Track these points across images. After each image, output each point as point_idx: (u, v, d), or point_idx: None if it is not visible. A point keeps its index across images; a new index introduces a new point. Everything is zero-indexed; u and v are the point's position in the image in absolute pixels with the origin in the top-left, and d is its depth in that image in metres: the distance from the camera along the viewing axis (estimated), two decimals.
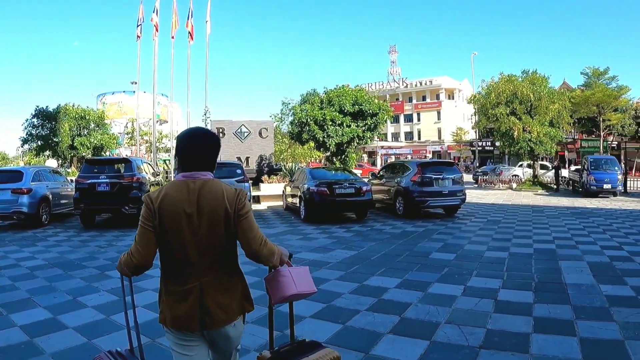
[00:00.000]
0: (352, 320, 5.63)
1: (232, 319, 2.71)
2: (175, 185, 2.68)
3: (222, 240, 2.66)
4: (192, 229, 2.60)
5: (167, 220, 2.60)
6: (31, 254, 10.05)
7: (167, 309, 2.68)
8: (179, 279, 2.66)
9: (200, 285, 2.63)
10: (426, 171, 15.51)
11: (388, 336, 5.10)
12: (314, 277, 7.40)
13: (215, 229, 2.63)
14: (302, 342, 3.04)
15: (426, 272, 8.06)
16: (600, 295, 6.53)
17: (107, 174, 14.07)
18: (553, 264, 8.67)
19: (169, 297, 2.69)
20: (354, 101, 28.41)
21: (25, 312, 6.03)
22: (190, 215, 2.60)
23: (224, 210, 2.62)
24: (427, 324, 5.47)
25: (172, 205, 2.61)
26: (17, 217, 13.97)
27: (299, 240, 11.73)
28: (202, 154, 2.72)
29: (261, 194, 21.98)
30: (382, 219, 15.55)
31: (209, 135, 2.81)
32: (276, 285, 2.83)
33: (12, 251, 10.46)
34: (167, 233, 2.61)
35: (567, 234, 12.14)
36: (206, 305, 2.63)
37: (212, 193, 2.64)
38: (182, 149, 2.73)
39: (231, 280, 2.74)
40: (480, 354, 4.56)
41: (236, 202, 2.64)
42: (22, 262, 9.30)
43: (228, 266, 2.73)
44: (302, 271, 2.95)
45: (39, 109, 33.97)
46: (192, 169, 2.69)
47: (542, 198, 24.66)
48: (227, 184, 2.76)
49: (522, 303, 6.21)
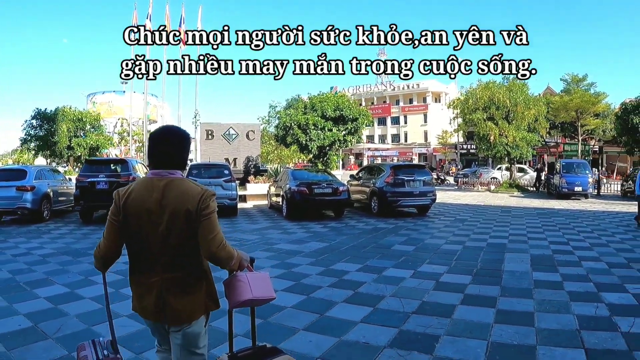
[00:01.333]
0: (314, 293, 6.94)
1: (192, 317, 2.79)
2: (143, 183, 2.79)
3: (183, 239, 2.71)
4: (153, 226, 2.69)
5: (131, 216, 2.71)
6: (39, 245, 11.17)
7: (135, 298, 2.85)
8: (143, 273, 2.78)
9: (161, 281, 2.72)
10: (399, 173, 16.79)
11: (341, 304, 6.41)
12: (288, 263, 8.85)
13: (176, 227, 2.68)
14: (262, 347, 3.13)
15: (385, 260, 9.34)
16: (530, 280, 7.76)
17: (105, 173, 15.31)
18: (499, 255, 9.92)
19: (135, 289, 2.84)
20: (336, 107, 29.80)
21: (46, 288, 7.23)
22: (153, 212, 2.68)
23: (186, 209, 2.67)
24: (375, 296, 6.77)
25: (136, 202, 2.71)
26: (21, 212, 15.04)
27: (279, 234, 12.96)
28: (169, 152, 2.80)
29: (247, 193, 23.12)
30: (357, 217, 16.82)
31: (177, 133, 2.89)
32: (233, 290, 2.89)
33: (21, 242, 11.55)
34: (131, 228, 2.73)
35: (523, 231, 13.39)
36: (167, 301, 2.72)
37: (177, 191, 2.71)
38: (150, 147, 2.83)
39: (194, 279, 2.80)
40: (410, 318, 5.84)
41: (200, 202, 2.69)
42: (33, 250, 10.42)
43: (191, 265, 2.78)
44: (260, 277, 3.01)
45: (37, 111, 35.12)
46: (160, 167, 2.78)
47: (515, 200, 25.88)
48: (196, 183, 2.84)
49: (458, 284, 7.49)
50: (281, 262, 9.20)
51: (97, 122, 38.80)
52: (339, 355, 4.70)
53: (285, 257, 9.70)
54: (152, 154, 2.80)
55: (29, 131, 36.78)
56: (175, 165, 2.80)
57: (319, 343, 5.00)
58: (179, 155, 2.82)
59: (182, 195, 2.68)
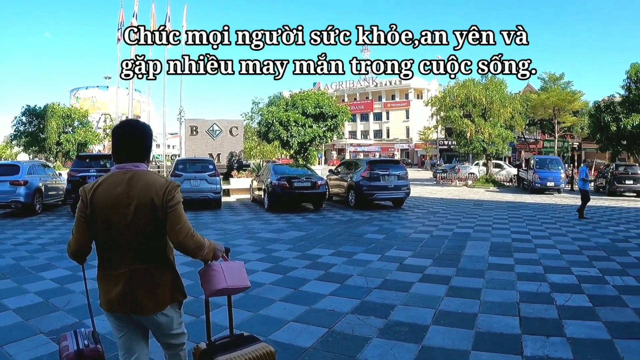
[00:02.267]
0: (290, 273, 7.91)
1: (160, 307, 2.84)
2: (108, 177, 2.83)
3: (149, 230, 2.77)
4: (120, 218, 2.73)
5: (99, 210, 2.74)
6: (36, 235, 11.90)
7: (102, 293, 2.85)
8: (111, 265, 2.81)
9: (129, 272, 2.77)
10: (374, 168, 17.77)
11: (313, 281, 7.36)
12: (268, 249, 9.79)
13: (142, 219, 2.74)
14: (239, 335, 3.23)
15: (356, 246, 10.30)
16: (485, 263, 8.74)
17: (96, 168, 16.10)
18: (462, 242, 10.91)
19: (103, 282, 2.85)
20: (316, 104, 30.79)
21: (50, 271, 8.02)
22: (120, 204, 2.73)
23: (151, 201, 2.73)
24: (344, 275, 7.72)
25: (103, 196, 2.74)
26: (14, 205, 15.64)
27: (260, 224, 13.87)
28: (130, 146, 2.83)
29: (231, 187, 23.90)
30: (335, 210, 17.79)
31: (138, 127, 2.92)
32: (207, 279, 2.99)
33: (19, 233, 12.24)
34: (99, 222, 2.76)
35: (489, 222, 14.41)
36: (134, 292, 2.77)
37: (141, 184, 2.76)
38: (113, 141, 2.88)
39: (161, 269, 2.87)
40: (372, 292, 6.79)
41: (165, 193, 2.75)
42: (32, 240, 11.16)
43: (158, 256, 2.85)
44: (235, 266, 3.10)
45: (27, 108, 35.71)
46: (124, 161, 2.82)
47: (490, 194, 26.93)
48: (160, 175, 2.93)
49: (420, 266, 8.46)
50: (262, 248, 10.10)
51: (85, 119, 39.45)
52: (308, 319, 5.63)
53: (265, 244, 10.60)
54: (115, 148, 2.86)
55: (18, 127, 37.41)
56: (139, 158, 2.85)
57: (292, 310, 5.93)
58: (142, 148, 2.87)
59: (147, 187, 2.75)
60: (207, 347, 3.08)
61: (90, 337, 3.08)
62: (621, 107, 27.74)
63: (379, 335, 5.11)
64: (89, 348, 2.97)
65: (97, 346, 3.02)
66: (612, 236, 12.00)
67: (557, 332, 5.22)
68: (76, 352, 2.91)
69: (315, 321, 5.57)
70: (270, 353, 3.07)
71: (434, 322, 5.56)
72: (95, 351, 2.97)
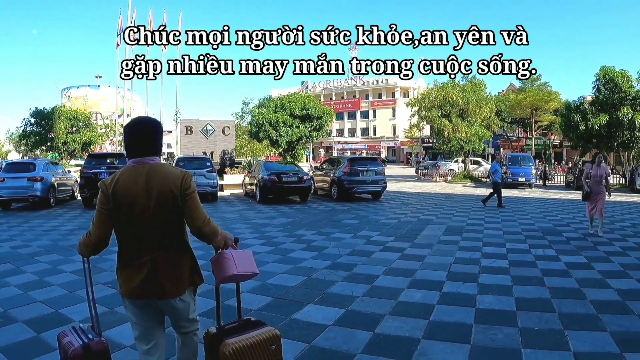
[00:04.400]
0: (280, 246, 10.07)
1: (181, 291, 3.00)
2: (127, 171, 2.93)
3: (169, 218, 2.92)
4: (142, 209, 2.86)
5: (121, 202, 2.85)
6: (60, 223, 13.79)
7: (124, 282, 2.96)
8: (133, 254, 2.92)
9: (151, 259, 2.90)
10: (354, 165, 19.89)
11: (298, 251, 9.50)
12: (262, 231, 11.94)
13: (163, 208, 2.88)
14: (247, 320, 3.31)
15: (334, 229, 12.41)
16: (436, 240, 10.84)
17: (106, 165, 18.10)
18: (423, 225, 13.02)
19: (125, 271, 2.96)
20: (302, 106, 33.11)
21: None
22: (140, 196, 2.86)
23: (170, 191, 2.88)
24: (322, 247, 9.88)
25: (124, 189, 2.86)
26: (32, 199, 17.42)
27: (254, 213, 15.97)
28: (145, 141, 2.97)
29: (225, 183, 25.88)
30: (320, 202, 19.88)
31: (151, 123, 3.06)
32: (219, 266, 3.13)
33: (43, 222, 14.06)
34: (121, 213, 2.87)
35: (453, 211, 16.44)
36: (157, 277, 2.90)
37: (160, 175, 2.91)
38: (127, 138, 3.00)
39: (180, 255, 3.01)
40: (342, 257, 8.90)
41: (182, 183, 2.92)
42: (58, 227, 13.03)
43: (177, 242, 3.00)
44: (244, 254, 3.25)
45: (36, 110, 38.08)
46: (139, 155, 2.96)
47: (465, 189, 28.74)
48: (174, 167, 3.06)
49: (383, 241, 10.58)
50: (256, 230, 12.18)
51: (89, 120, 41.45)
52: (294, 271, 7.80)
53: (259, 227, 12.71)
54: (130, 143, 2.99)
55: (26, 128, 39.55)
56: (153, 152, 3.00)
57: (282, 267, 8.07)
58: (155, 143, 3.02)
59: (165, 178, 2.90)
60: (217, 331, 3.18)
61: (90, 331, 3.15)
62: (591, 107, 29.46)
63: (342, 280, 7.25)
64: (94, 341, 3.02)
65: (102, 339, 3.09)
66: (557, 221, 13.95)
67: (472, 280, 7.31)
68: (83, 347, 2.95)
69: (298, 273, 7.71)
70: (276, 335, 3.21)
71: (384, 274, 7.66)
72: (101, 344, 3.03)
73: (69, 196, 20.67)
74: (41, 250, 9.82)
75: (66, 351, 2.95)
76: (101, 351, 2.97)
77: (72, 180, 21.46)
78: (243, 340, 3.02)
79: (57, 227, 13.02)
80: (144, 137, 2.98)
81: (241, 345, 2.99)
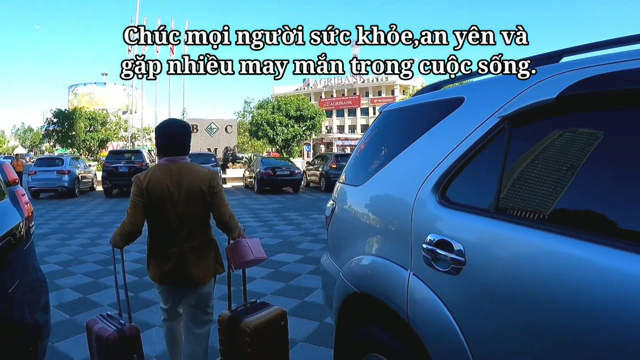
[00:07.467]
0: (268, 223, 12.87)
1: (207, 279, 3.27)
2: (160, 168, 3.16)
3: (198, 213, 3.17)
4: (173, 203, 3.09)
5: (154, 197, 3.09)
6: (91, 208, 16.44)
7: (154, 268, 3.24)
8: (164, 244, 3.18)
9: (180, 249, 3.14)
10: (340, 160, 22.52)
11: (281, 225, 12.32)
12: (256, 213, 15.00)
13: (192, 203, 3.12)
14: (254, 302, 3.50)
15: (315, 212, 15.15)
16: None
17: (125, 160, 20.89)
18: None
19: (156, 260, 3.23)
20: (297, 108, 36.15)
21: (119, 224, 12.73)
22: (172, 192, 3.08)
23: (199, 188, 3.11)
24: (300, 223, 12.67)
25: (158, 185, 3.09)
26: (60, 189, 19.97)
27: (251, 201, 18.83)
28: (178, 142, 3.20)
29: (227, 176, 28.59)
30: (310, 192, 22.75)
31: (182, 126, 3.30)
32: (237, 253, 3.39)
33: (75, 207, 16.62)
34: (154, 207, 3.11)
35: None
36: (185, 266, 3.15)
37: (190, 174, 3.13)
38: (161, 138, 3.21)
39: (206, 246, 3.27)
40: (313, 229, 11.63)
41: (210, 181, 3.15)
42: (90, 210, 15.64)
43: (203, 235, 3.26)
44: (255, 242, 3.52)
45: (58, 111, 41.36)
46: (172, 154, 3.17)
47: None
48: (202, 167, 3.31)
49: None
50: (252, 213, 14.98)
51: (105, 120, 44.51)
52: (275, 236, 10.62)
53: (254, 211, 15.52)
54: (162, 144, 3.20)
55: (48, 127, 43.30)
56: (184, 152, 3.21)
57: (268, 234, 10.87)
58: (185, 143, 3.23)
59: (196, 177, 3.13)
60: (232, 313, 3.31)
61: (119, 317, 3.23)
62: None
63: (309, 242, 10.06)
64: (127, 326, 3.12)
65: (133, 324, 3.20)
66: None
67: None
68: (119, 331, 3.04)
69: (277, 237, 10.58)
70: (284, 313, 3.39)
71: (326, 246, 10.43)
72: (134, 328, 3.14)
73: (90, 187, 23.36)
74: (84, 225, 12.51)
75: (100, 337, 3.03)
76: (134, 335, 3.11)
77: (92, 173, 24.26)
78: (258, 317, 3.23)
79: (88, 211, 15.49)
80: (175, 138, 3.20)
81: (259, 322, 3.20)
